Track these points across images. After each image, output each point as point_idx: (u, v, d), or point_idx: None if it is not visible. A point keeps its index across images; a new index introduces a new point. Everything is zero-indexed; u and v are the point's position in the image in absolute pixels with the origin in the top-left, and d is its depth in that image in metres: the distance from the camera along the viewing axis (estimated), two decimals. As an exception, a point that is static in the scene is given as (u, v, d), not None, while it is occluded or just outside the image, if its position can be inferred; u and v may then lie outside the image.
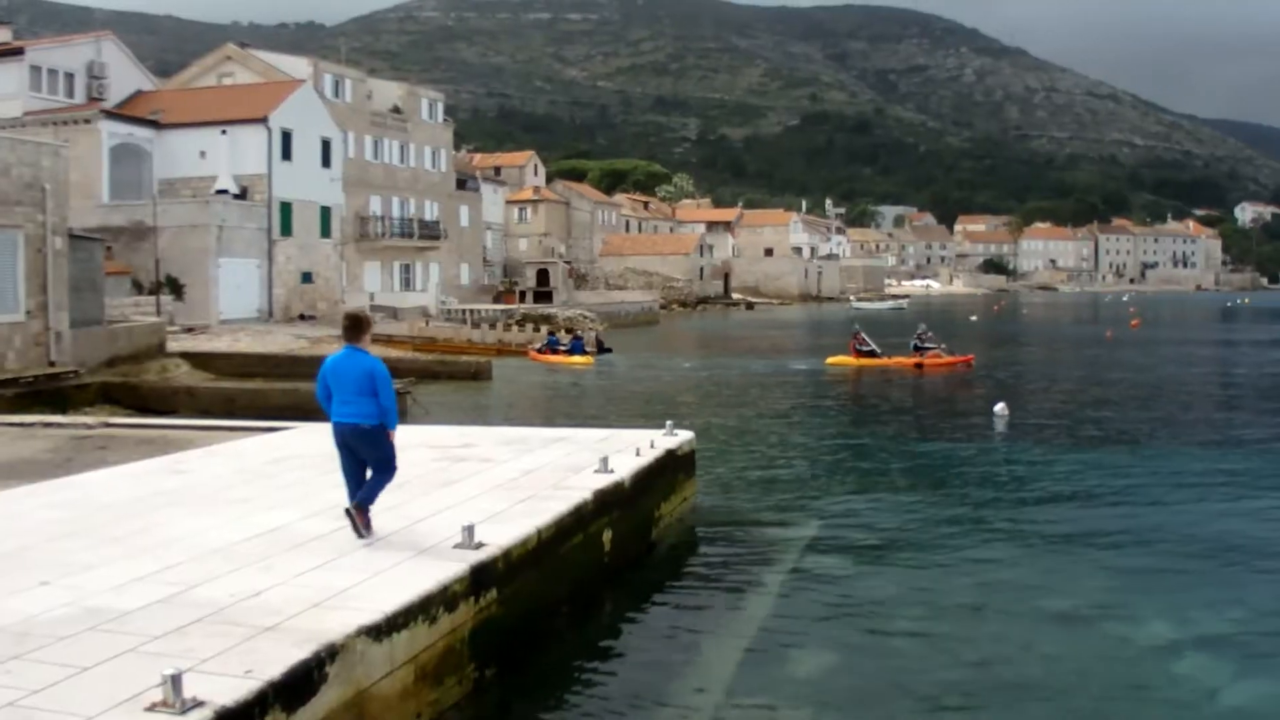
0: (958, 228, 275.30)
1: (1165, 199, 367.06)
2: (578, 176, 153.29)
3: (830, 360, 47.71)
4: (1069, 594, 14.26)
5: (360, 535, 10.97)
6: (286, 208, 58.38)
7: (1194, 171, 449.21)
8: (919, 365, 46.09)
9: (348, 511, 11.05)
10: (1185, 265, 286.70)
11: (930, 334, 49.38)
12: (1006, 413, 30.89)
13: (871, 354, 47.27)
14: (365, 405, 10.76)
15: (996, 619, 13.27)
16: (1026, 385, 40.90)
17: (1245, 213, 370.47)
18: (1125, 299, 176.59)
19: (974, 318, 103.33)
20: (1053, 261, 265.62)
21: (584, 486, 13.98)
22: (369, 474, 11.11)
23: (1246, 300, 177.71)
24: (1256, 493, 20.70)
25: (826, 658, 11.88)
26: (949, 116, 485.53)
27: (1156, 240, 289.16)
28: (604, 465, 14.84)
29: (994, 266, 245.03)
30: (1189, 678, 11.60)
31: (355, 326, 11.11)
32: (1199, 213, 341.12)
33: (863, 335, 48.56)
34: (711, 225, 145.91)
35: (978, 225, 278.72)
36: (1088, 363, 52.25)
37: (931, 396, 37.70)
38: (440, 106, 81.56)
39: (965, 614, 13.43)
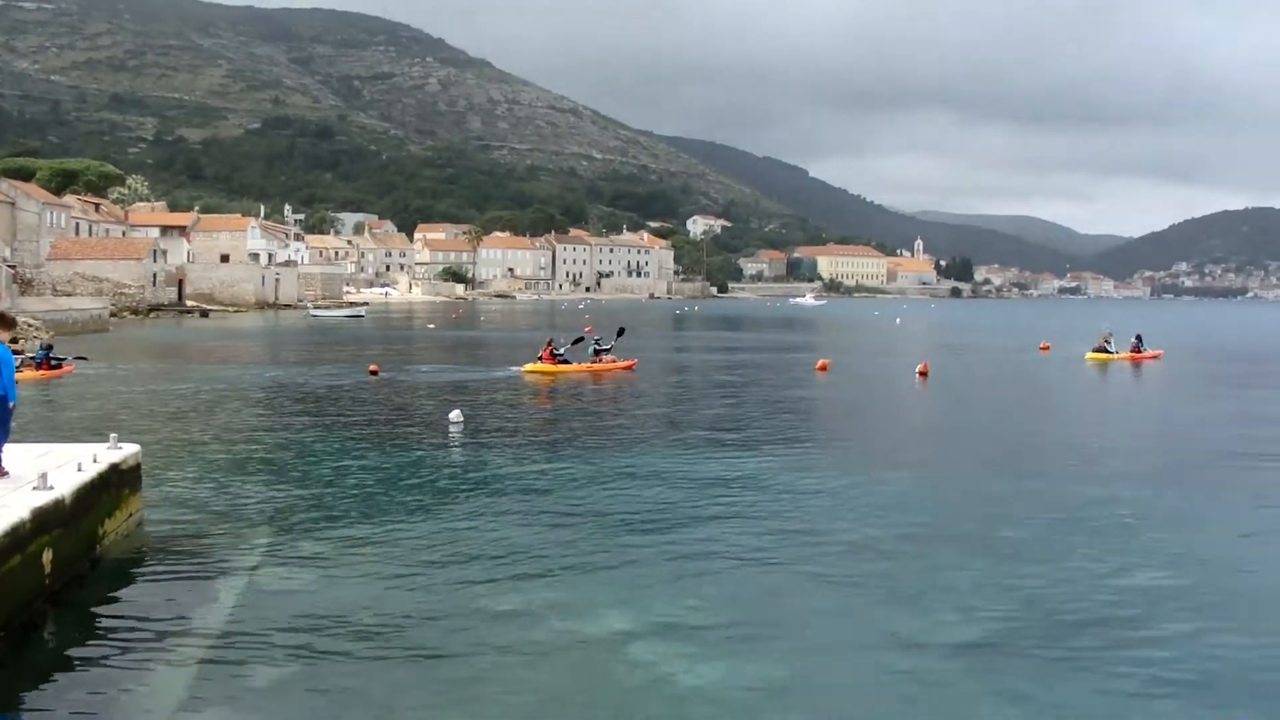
0: (418, 235, 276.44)
1: (621, 211, 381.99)
2: (25, 175, 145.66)
3: (526, 368, 48.26)
4: (520, 591, 14.85)
5: None
6: None
7: (649, 185, 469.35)
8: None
9: None
10: (639, 274, 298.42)
11: (601, 339, 52.05)
12: (461, 419, 31.53)
13: (564, 360, 48.55)
14: None
15: (449, 618, 13.64)
16: (482, 391, 41.30)
17: (697, 225, 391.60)
18: (581, 306, 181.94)
19: (431, 325, 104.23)
20: (511, 270, 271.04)
21: (20, 505, 13.33)
22: None
23: (696, 308, 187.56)
24: (708, 491, 21.94)
25: (284, 667, 11.96)
26: (412, 125, 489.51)
27: (612, 250, 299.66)
28: (43, 482, 14.25)
29: (453, 274, 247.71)
30: (642, 665, 12.23)
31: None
32: (653, 224, 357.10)
33: (555, 342, 49.78)
34: (166, 230, 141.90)
35: (438, 233, 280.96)
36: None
37: (387, 403, 37.54)
38: None
39: (422, 616, 13.73)
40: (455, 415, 32.09)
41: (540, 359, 48.85)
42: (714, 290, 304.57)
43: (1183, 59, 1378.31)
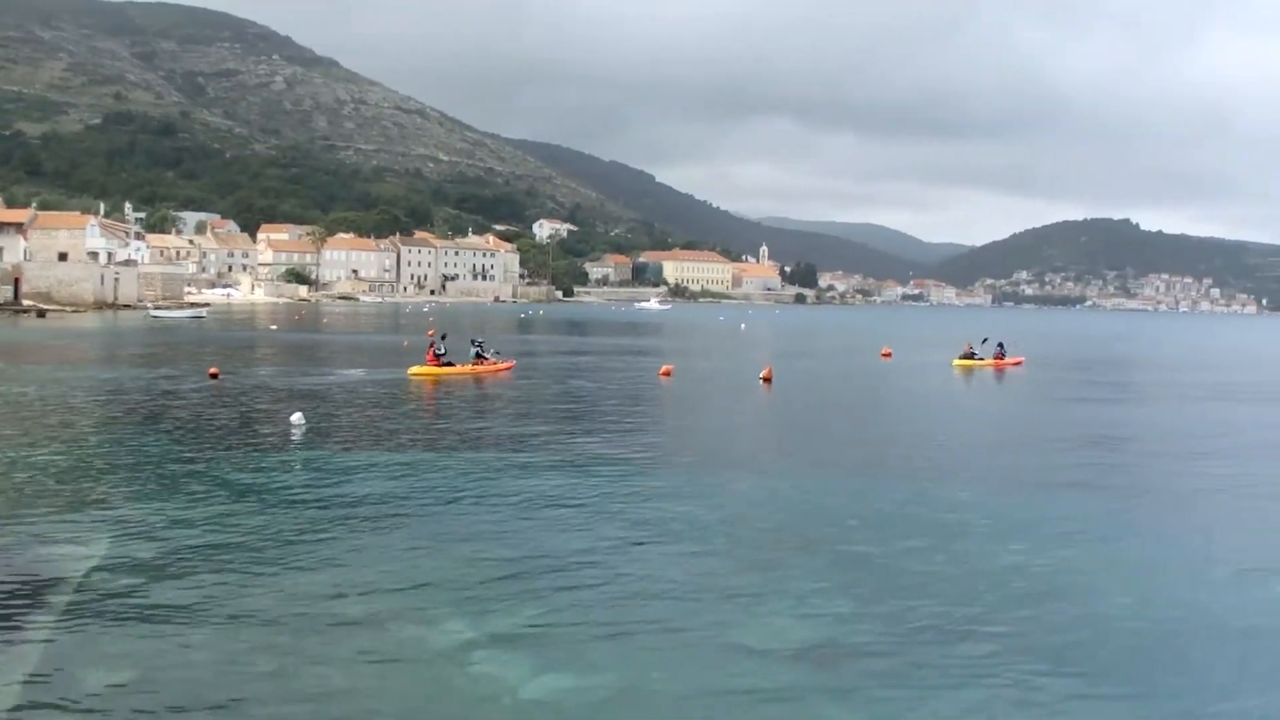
0: (261, 236, 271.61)
1: (467, 213, 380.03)
2: None
3: (412, 370, 49.00)
4: (365, 600, 14.86)
5: None
6: None
7: (496, 188, 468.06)
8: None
9: None
10: (485, 278, 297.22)
11: (483, 342, 53.37)
12: (303, 421, 31.65)
13: (449, 363, 49.30)
14: None
15: (292, 627, 13.66)
16: (326, 394, 41.48)
17: (543, 229, 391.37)
18: (426, 309, 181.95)
19: (274, 327, 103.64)
20: (355, 272, 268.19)
21: None
22: None
23: (541, 312, 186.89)
24: (553, 497, 22.14)
25: (120, 674, 11.95)
26: (257, 123, 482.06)
27: (458, 253, 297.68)
28: None
29: (296, 276, 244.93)
30: (485, 675, 12.38)
31: None
32: (499, 228, 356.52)
33: (438, 344, 50.51)
34: (2, 226, 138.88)
35: (281, 234, 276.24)
36: (391, 370, 52.62)
37: (227, 406, 37.26)
38: None
39: (262, 624, 13.74)
40: (297, 418, 32.15)
41: (425, 361, 49.54)
42: (559, 294, 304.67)
43: (1026, 72, 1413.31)
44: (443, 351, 50.22)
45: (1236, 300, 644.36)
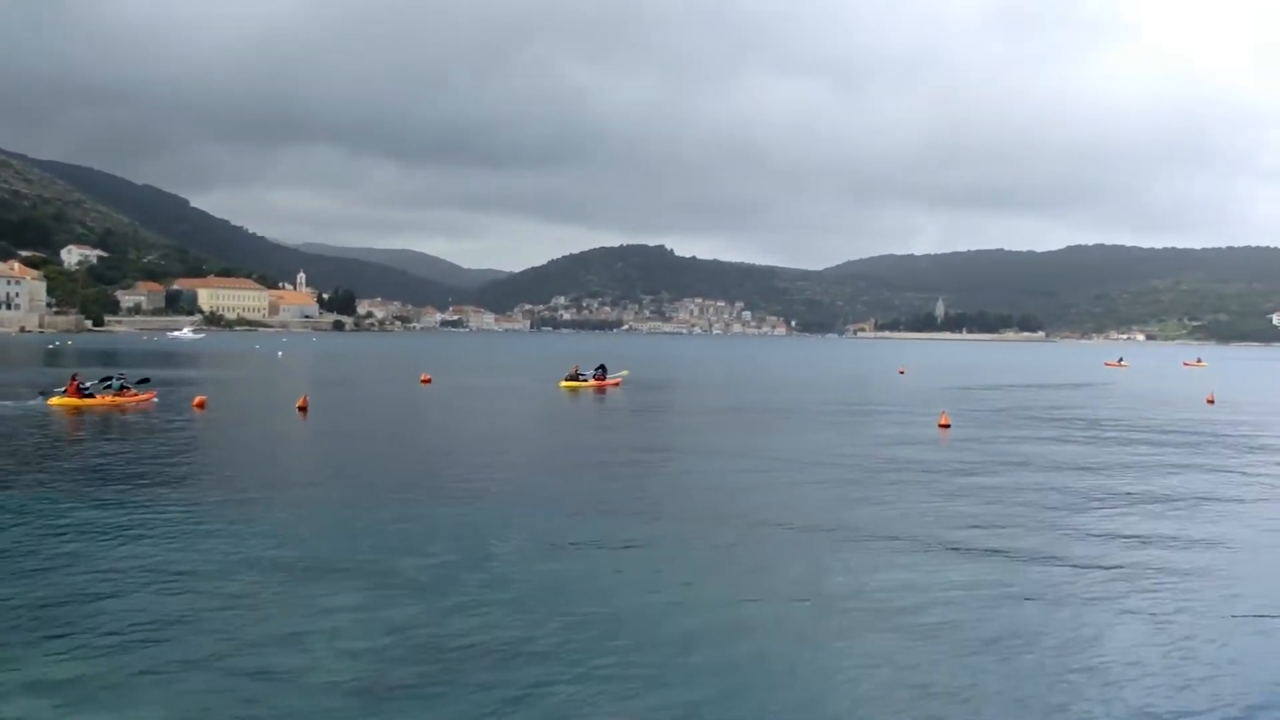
0: None
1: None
2: None
3: (52, 401, 48.84)
4: None
5: None
6: None
7: (21, 212, 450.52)
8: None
9: None
10: (9, 307, 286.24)
11: (124, 375, 54.99)
12: None
13: (89, 394, 49.96)
14: None
15: None
16: None
17: (72, 255, 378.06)
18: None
19: None
20: None
21: None
22: None
23: (70, 342, 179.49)
24: (81, 537, 21.32)
25: None
26: None
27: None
28: None
29: None
30: None
31: None
32: (25, 254, 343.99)
33: (81, 376, 50.87)
34: None
35: None
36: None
37: None
38: None
39: None
40: None
41: (66, 393, 49.75)
42: (89, 324, 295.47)
43: (568, 106, 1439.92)
44: (86, 385, 50.94)
45: (767, 322, 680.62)
